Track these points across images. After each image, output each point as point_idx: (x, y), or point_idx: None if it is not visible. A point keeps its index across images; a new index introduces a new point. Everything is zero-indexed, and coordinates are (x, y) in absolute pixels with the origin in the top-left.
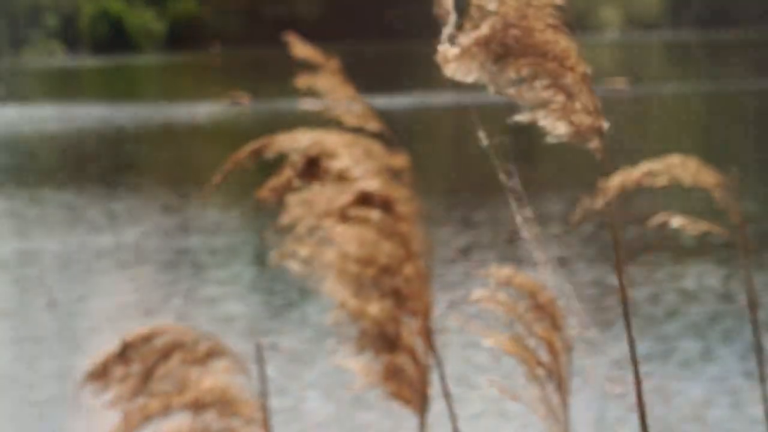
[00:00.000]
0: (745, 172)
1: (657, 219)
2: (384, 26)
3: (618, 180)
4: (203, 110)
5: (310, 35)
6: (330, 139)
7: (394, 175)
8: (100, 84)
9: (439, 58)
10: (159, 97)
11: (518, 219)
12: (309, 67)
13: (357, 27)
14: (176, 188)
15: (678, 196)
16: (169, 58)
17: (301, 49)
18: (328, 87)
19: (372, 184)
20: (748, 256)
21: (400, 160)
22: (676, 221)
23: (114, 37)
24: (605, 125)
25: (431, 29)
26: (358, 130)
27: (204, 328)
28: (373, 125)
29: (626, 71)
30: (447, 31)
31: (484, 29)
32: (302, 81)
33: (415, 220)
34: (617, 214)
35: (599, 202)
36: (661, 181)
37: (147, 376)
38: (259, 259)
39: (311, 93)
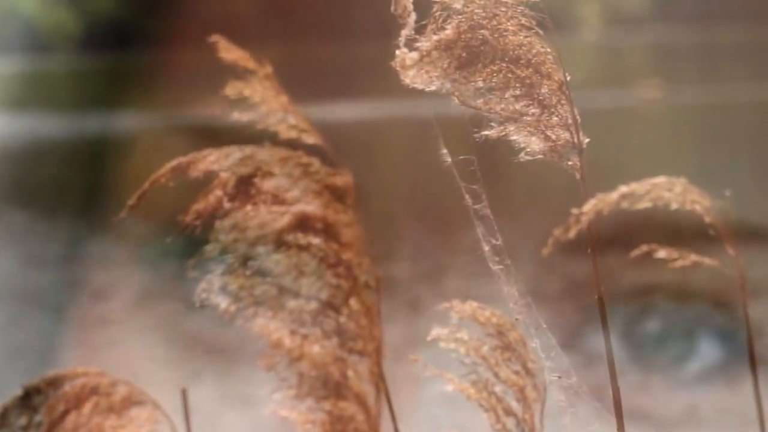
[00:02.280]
0: None
1: (639, 250)
2: (333, 25)
3: (592, 205)
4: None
5: (247, 36)
6: (264, 154)
7: (337, 196)
8: (9, 90)
9: (396, 63)
10: (86, 105)
11: (485, 247)
12: (240, 73)
13: (302, 26)
14: (77, 212)
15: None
16: (95, 61)
17: (230, 52)
18: (260, 96)
19: (312, 207)
20: (745, 293)
21: (344, 179)
22: (661, 253)
23: (24, 37)
24: (585, 140)
25: (388, 29)
26: (295, 144)
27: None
28: (313, 138)
29: (657, 74)
30: (405, 32)
31: (448, 31)
32: (232, 89)
33: (363, 247)
34: (597, 240)
35: (572, 231)
36: (643, 204)
37: (54, 425)
38: (171, 292)
39: (246, 103)
